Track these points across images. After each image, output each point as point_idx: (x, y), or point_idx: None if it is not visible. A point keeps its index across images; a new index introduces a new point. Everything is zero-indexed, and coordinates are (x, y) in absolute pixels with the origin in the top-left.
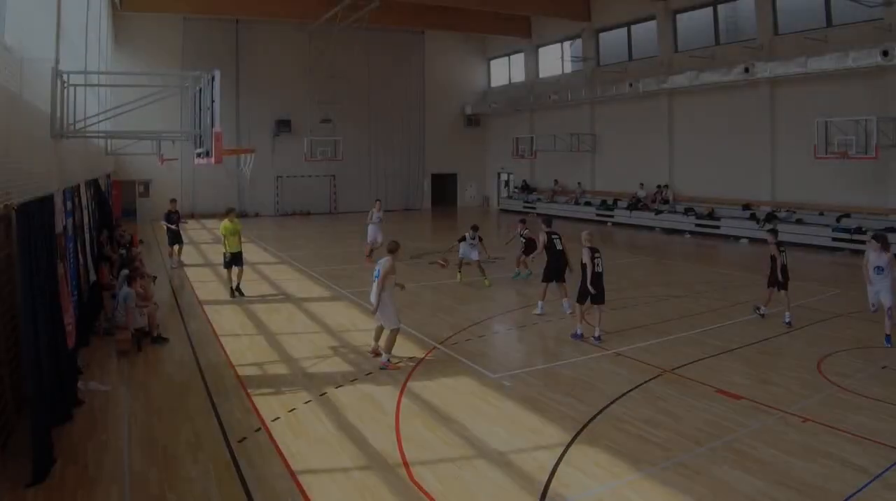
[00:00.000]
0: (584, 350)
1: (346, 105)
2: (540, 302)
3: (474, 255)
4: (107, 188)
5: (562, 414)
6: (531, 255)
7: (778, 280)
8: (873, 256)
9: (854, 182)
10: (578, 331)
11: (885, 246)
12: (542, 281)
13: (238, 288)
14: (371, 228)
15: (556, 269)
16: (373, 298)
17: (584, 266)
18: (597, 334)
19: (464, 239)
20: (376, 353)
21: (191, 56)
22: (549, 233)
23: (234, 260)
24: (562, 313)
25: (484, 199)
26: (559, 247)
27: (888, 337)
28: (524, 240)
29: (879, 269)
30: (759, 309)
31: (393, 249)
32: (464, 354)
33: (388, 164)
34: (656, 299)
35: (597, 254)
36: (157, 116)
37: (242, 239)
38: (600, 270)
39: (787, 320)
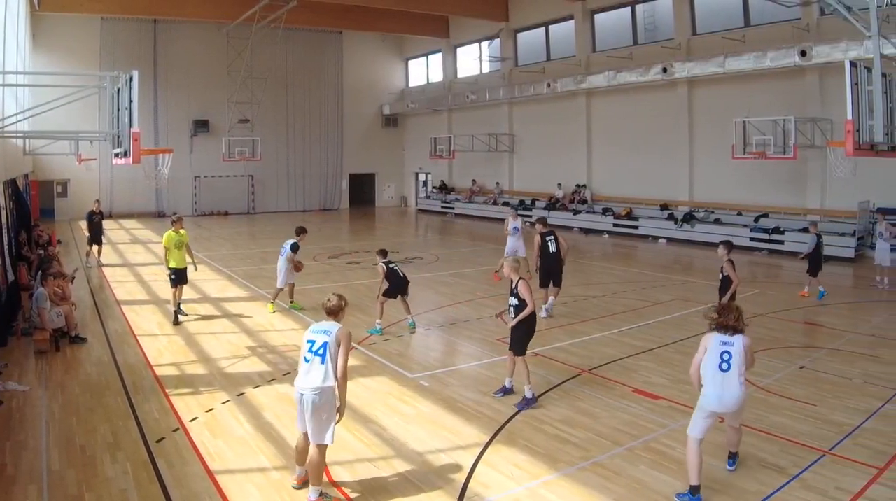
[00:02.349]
0: (502, 350)
1: (264, 105)
2: (544, 306)
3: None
4: (25, 188)
5: (480, 414)
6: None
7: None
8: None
9: (772, 182)
10: (508, 384)
11: (730, 325)
12: (540, 286)
13: (178, 308)
14: (512, 240)
15: (549, 272)
16: (313, 386)
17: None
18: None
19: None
20: (303, 481)
21: (109, 56)
22: (542, 235)
23: (180, 277)
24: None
25: (402, 200)
26: (553, 249)
27: (733, 458)
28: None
29: (726, 356)
30: None
31: (342, 307)
32: (382, 354)
33: (306, 164)
34: (574, 299)
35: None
36: (75, 116)
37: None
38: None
39: None
